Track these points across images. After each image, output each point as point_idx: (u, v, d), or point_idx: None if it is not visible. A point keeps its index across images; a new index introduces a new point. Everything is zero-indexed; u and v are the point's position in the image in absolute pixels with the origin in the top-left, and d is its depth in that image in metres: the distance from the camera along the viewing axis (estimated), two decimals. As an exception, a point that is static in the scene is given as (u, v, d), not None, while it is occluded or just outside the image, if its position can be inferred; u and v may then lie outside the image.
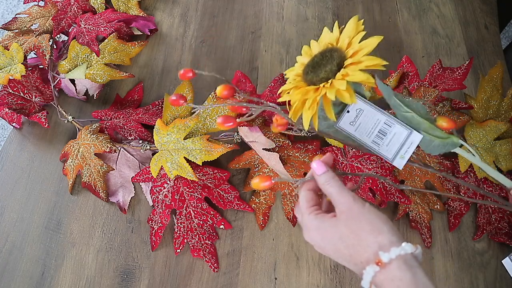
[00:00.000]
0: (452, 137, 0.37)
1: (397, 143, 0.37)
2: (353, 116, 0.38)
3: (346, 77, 0.34)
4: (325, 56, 0.36)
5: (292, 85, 0.39)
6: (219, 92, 0.41)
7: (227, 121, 0.39)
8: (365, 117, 0.38)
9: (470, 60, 0.63)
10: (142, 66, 0.74)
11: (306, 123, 0.35)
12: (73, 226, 0.59)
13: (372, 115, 0.38)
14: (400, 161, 0.37)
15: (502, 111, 0.61)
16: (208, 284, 0.55)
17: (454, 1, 0.80)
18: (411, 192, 0.58)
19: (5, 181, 0.63)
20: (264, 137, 0.58)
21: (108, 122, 0.64)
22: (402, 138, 0.37)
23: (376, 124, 0.38)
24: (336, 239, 0.33)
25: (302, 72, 0.39)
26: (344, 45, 0.36)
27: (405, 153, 0.37)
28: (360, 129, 0.38)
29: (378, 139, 0.38)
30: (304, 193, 0.37)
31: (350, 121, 0.38)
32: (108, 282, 0.55)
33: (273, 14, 0.79)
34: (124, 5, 0.76)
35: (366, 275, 0.31)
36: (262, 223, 0.58)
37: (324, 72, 0.35)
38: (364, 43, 0.35)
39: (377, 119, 0.38)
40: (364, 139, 0.38)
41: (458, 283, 0.54)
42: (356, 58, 0.34)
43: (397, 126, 0.37)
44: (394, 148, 0.37)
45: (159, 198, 0.58)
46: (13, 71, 0.65)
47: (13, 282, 0.56)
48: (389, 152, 0.38)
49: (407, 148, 0.37)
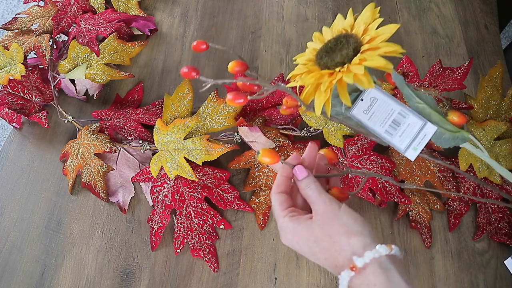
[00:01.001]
0: (462, 132, 0.37)
1: (410, 134, 0.37)
2: (367, 105, 0.38)
3: (364, 62, 0.33)
4: (339, 42, 0.36)
5: (304, 69, 0.38)
6: (231, 68, 0.39)
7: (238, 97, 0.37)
8: (379, 106, 0.37)
9: (470, 60, 0.63)
10: (142, 66, 0.74)
11: (319, 109, 0.34)
12: (73, 226, 0.59)
13: (387, 105, 0.37)
14: (412, 152, 0.37)
15: (502, 111, 0.61)
16: (208, 284, 0.55)
17: (454, 1, 0.80)
18: (411, 192, 0.58)
19: (5, 181, 0.63)
20: (264, 137, 0.58)
21: (108, 122, 0.64)
22: (416, 129, 0.36)
23: (390, 113, 0.37)
24: (311, 242, 0.32)
25: (314, 57, 0.38)
26: (360, 31, 0.35)
27: (418, 145, 0.37)
28: (374, 118, 0.38)
29: (391, 129, 0.37)
30: (276, 196, 0.35)
31: (364, 109, 0.38)
32: (108, 282, 0.55)
33: (273, 14, 0.79)
34: (124, 5, 0.76)
35: (342, 280, 0.30)
36: (262, 223, 0.58)
37: (340, 57, 0.35)
38: (382, 30, 0.34)
39: (391, 109, 0.37)
40: (377, 128, 0.38)
41: (458, 283, 0.54)
42: (373, 44, 0.34)
43: (411, 116, 0.37)
44: (407, 139, 0.37)
45: (159, 198, 0.58)
46: (13, 71, 0.65)
47: (13, 282, 0.56)
48: (402, 143, 0.37)
49: (420, 139, 0.37)
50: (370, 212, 0.58)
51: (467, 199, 0.57)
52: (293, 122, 0.61)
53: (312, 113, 0.59)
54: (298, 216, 0.34)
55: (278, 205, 0.35)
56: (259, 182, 0.59)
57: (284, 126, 0.61)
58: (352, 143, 0.58)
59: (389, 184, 0.57)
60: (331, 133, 0.58)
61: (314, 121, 0.59)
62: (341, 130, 0.58)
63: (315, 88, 0.35)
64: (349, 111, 0.38)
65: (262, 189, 0.59)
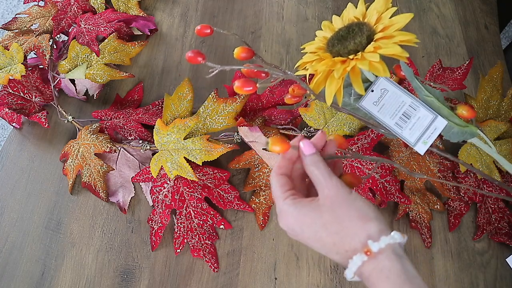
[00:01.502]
0: (471, 126, 0.37)
1: (420, 128, 0.36)
2: (377, 96, 0.37)
3: (379, 49, 0.32)
4: (352, 30, 0.35)
5: (314, 57, 0.37)
6: (237, 54, 0.38)
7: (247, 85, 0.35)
8: (390, 98, 0.37)
9: (470, 60, 0.63)
10: (142, 66, 0.74)
11: (330, 97, 0.34)
12: (73, 226, 0.59)
13: (397, 97, 0.37)
14: (422, 146, 0.36)
15: (502, 111, 0.61)
16: (208, 284, 0.55)
17: (454, 1, 0.80)
18: (411, 192, 0.58)
19: (5, 181, 0.63)
20: (264, 137, 0.58)
21: (108, 122, 0.64)
22: (426, 122, 0.36)
23: (400, 106, 0.37)
24: (318, 226, 0.31)
25: (325, 45, 0.37)
26: (373, 20, 0.35)
27: (428, 138, 0.36)
28: (383, 110, 0.37)
29: (401, 122, 0.37)
30: (276, 178, 0.33)
31: (374, 101, 0.37)
32: (108, 282, 0.55)
33: (273, 14, 0.79)
34: (124, 5, 0.76)
35: (352, 265, 0.29)
36: (262, 223, 0.58)
37: (353, 44, 0.34)
38: (396, 19, 0.34)
39: (402, 101, 0.37)
40: (387, 120, 0.37)
41: (458, 283, 0.54)
42: (387, 32, 0.33)
43: (422, 109, 0.36)
44: (417, 133, 0.36)
45: (159, 198, 0.58)
46: (13, 71, 0.65)
47: (13, 282, 0.56)
48: (411, 136, 0.36)
49: (430, 133, 0.36)
50: (370, 212, 0.58)
51: (467, 198, 0.57)
52: (293, 122, 0.61)
53: (312, 113, 0.59)
54: (301, 199, 0.32)
55: (279, 187, 0.33)
56: (259, 182, 0.59)
57: (284, 126, 0.61)
58: (352, 143, 0.58)
59: (389, 184, 0.57)
60: (331, 133, 0.58)
61: (314, 121, 0.59)
62: (341, 130, 0.58)
63: (326, 76, 0.35)
64: (358, 102, 0.37)
65: (262, 189, 0.59)
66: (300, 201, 0.32)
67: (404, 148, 0.59)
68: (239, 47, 0.39)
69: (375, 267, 0.29)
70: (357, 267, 0.29)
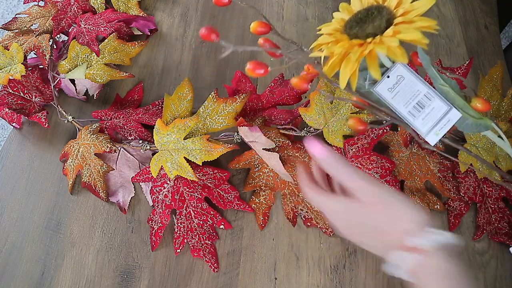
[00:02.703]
0: (485, 119, 0.36)
1: (434, 118, 0.36)
2: (392, 83, 0.36)
3: (398, 34, 0.31)
4: (371, 13, 0.34)
5: (330, 38, 0.36)
6: (254, 29, 0.37)
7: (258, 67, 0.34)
8: (405, 86, 0.36)
9: (470, 60, 0.63)
10: (142, 66, 0.74)
11: (344, 80, 0.33)
12: (73, 226, 0.59)
13: (413, 85, 0.36)
14: (434, 137, 0.36)
15: (502, 111, 0.61)
16: (208, 284, 0.55)
17: (454, 1, 0.80)
18: (411, 192, 0.58)
19: (5, 181, 0.63)
20: (264, 137, 0.58)
21: (108, 122, 0.64)
22: (440, 113, 0.35)
23: (415, 94, 0.36)
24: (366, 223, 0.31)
25: (342, 27, 0.36)
26: (393, 4, 0.34)
27: (441, 130, 0.35)
28: (398, 97, 0.36)
29: (415, 111, 0.36)
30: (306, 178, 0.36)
31: (389, 87, 0.36)
32: (108, 282, 0.55)
33: (273, 14, 0.79)
34: (124, 5, 0.76)
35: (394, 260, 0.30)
36: (262, 223, 0.58)
37: (371, 28, 0.33)
38: (417, 4, 0.33)
39: (417, 90, 0.36)
40: (400, 108, 0.36)
41: (458, 283, 0.54)
42: (408, 17, 0.32)
43: (437, 100, 0.36)
44: (430, 123, 0.36)
45: (159, 198, 0.58)
46: (13, 71, 0.65)
47: (13, 282, 0.56)
48: (424, 126, 0.36)
49: (443, 124, 0.35)
50: (370, 212, 0.58)
51: (467, 198, 0.57)
52: (293, 122, 0.61)
53: (312, 112, 0.59)
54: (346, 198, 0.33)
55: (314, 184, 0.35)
56: (259, 182, 0.59)
57: (284, 126, 0.61)
58: (352, 143, 0.58)
59: (389, 184, 0.57)
60: (331, 133, 0.58)
61: (314, 121, 0.59)
62: (341, 130, 0.58)
63: (341, 59, 0.33)
64: (373, 87, 0.36)
65: (262, 189, 0.59)
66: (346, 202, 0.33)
67: (404, 148, 0.59)
68: (256, 21, 0.38)
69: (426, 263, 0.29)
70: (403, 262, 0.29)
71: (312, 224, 0.57)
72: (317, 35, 0.38)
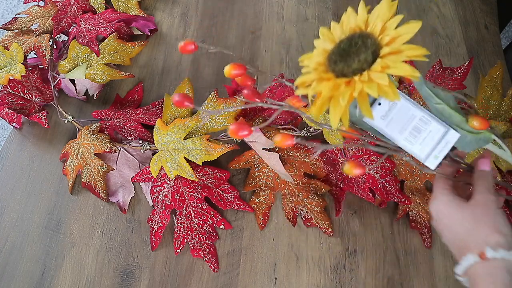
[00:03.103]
0: (484, 132, 0.35)
1: (431, 142, 0.34)
2: (385, 110, 0.35)
3: (387, 69, 0.29)
4: (354, 43, 0.31)
5: (315, 75, 0.33)
6: (227, 73, 0.36)
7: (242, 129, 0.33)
8: (399, 112, 0.35)
9: (470, 60, 0.63)
10: (142, 66, 0.74)
11: (335, 121, 0.31)
12: (73, 226, 0.59)
13: (407, 110, 0.34)
14: (433, 161, 0.35)
15: (502, 111, 0.61)
16: (208, 284, 0.55)
17: (454, 1, 0.80)
18: (411, 192, 0.58)
19: (5, 181, 0.63)
20: (264, 137, 0.58)
21: (108, 122, 0.64)
22: (438, 136, 0.34)
23: (410, 120, 0.34)
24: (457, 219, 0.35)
25: (326, 60, 0.33)
26: (377, 31, 0.31)
27: (440, 153, 0.34)
28: (392, 125, 0.35)
29: (411, 137, 0.35)
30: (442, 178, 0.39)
31: (381, 115, 0.35)
32: (108, 282, 0.55)
33: (273, 14, 0.79)
34: (124, 5, 0.76)
35: (465, 261, 0.33)
36: (262, 223, 0.58)
37: (358, 62, 0.30)
38: (402, 29, 0.30)
39: (412, 115, 0.34)
40: (396, 136, 0.35)
41: (458, 283, 0.54)
42: (394, 46, 0.30)
43: (433, 123, 0.34)
44: (428, 147, 0.35)
45: (159, 198, 0.58)
46: (13, 71, 0.65)
47: (13, 282, 0.56)
48: (422, 151, 0.35)
49: (442, 147, 0.34)
50: (370, 212, 0.58)
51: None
52: (293, 122, 0.61)
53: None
54: (456, 196, 0.37)
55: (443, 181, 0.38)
56: (259, 182, 0.59)
57: (284, 126, 0.61)
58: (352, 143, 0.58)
59: (389, 184, 0.57)
60: (331, 133, 0.58)
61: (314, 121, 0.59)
62: (341, 130, 0.58)
63: (329, 99, 0.31)
64: (365, 117, 0.35)
65: (262, 189, 0.59)
66: (454, 196, 0.37)
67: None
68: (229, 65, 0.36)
69: (485, 271, 0.32)
70: (468, 264, 0.33)
71: (312, 224, 0.57)
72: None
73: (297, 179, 0.58)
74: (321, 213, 0.57)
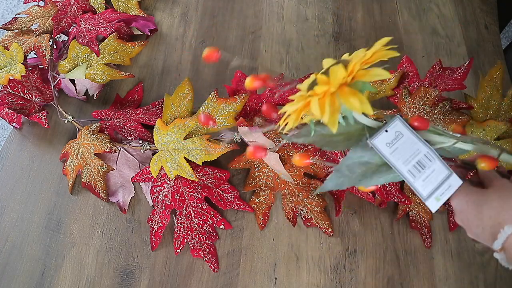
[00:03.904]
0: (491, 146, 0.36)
1: (434, 182, 0.34)
2: (391, 138, 0.35)
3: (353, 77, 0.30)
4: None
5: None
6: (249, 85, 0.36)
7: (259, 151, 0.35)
8: (405, 143, 0.34)
9: (470, 60, 0.63)
10: (142, 66, 0.74)
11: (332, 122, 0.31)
12: (73, 226, 0.59)
13: (413, 143, 0.34)
14: (435, 202, 0.34)
15: (502, 111, 0.61)
16: (208, 284, 0.55)
17: (454, 1, 0.80)
18: (411, 192, 0.58)
19: (5, 181, 0.63)
20: (264, 137, 0.58)
21: (108, 122, 0.64)
22: (441, 177, 0.34)
23: (415, 153, 0.34)
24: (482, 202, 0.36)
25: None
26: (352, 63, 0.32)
27: (442, 195, 0.34)
28: (397, 154, 0.35)
29: (415, 170, 0.34)
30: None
31: (387, 142, 0.35)
32: (108, 282, 0.55)
33: (273, 14, 0.79)
34: (124, 5, 0.76)
35: (503, 234, 0.33)
36: (262, 223, 0.58)
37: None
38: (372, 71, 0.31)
39: (417, 149, 0.34)
40: (399, 166, 0.35)
41: (458, 283, 0.54)
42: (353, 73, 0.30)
43: (437, 162, 0.34)
44: (431, 187, 0.34)
45: (159, 198, 0.58)
46: (13, 71, 0.65)
47: (13, 282, 0.56)
48: (424, 189, 0.34)
49: (444, 189, 0.34)
50: (370, 212, 0.58)
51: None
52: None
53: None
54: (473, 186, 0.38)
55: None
56: (259, 182, 0.59)
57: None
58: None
59: (389, 184, 0.57)
60: (331, 133, 0.58)
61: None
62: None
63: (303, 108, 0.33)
64: (370, 139, 0.35)
65: (262, 189, 0.59)
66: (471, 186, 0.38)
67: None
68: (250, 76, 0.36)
69: None
70: (506, 236, 0.33)
71: (312, 224, 0.57)
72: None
73: (297, 179, 0.58)
74: (321, 213, 0.57)
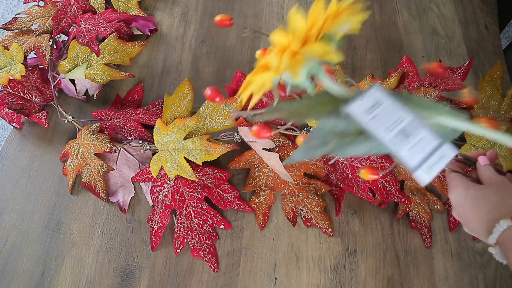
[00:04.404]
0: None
1: (423, 151, 0.28)
2: (369, 106, 0.29)
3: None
4: None
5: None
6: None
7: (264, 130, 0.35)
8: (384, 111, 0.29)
9: (470, 60, 0.63)
10: (142, 66, 0.74)
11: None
12: (73, 226, 0.59)
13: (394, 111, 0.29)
14: (425, 174, 0.28)
15: (502, 111, 0.61)
16: (208, 284, 0.55)
17: (454, 1, 0.80)
18: (411, 192, 0.58)
19: (5, 181, 0.63)
20: (264, 137, 0.58)
21: (108, 122, 0.64)
22: (430, 146, 0.28)
23: (398, 121, 0.29)
24: (479, 196, 0.38)
25: None
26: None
27: (434, 165, 0.28)
28: (376, 122, 0.29)
29: (398, 139, 0.29)
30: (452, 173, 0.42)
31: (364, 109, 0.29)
32: (108, 282, 0.55)
33: (273, 14, 0.79)
34: (124, 5, 0.76)
35: (498, 228, 0.34)
36: (262, 223, 0.58)
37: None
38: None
39: (399, 117, 0.29)
40: (380, 133, 0.29)
41: (458, 283, 0.54)
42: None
43: (425, 130, 0.28)
44: (419, 156, 0.28)
45: (159, 198, 0.58)
46: (13, 71, 0.65)
47: (13, 282, 0.56)
48: (411, 159, 0.28)
49: (435, 160, 0.28)
50: (370, 212, 0.59)
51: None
52: (293, 122, 0.61)
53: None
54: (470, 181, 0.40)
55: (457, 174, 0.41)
56: (259, 182, 0.59)
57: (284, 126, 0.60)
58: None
59: (389, 184, 0.57)
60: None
61: (314, 121, 0.59)
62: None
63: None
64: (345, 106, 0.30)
65: (262, 189, 0.59)
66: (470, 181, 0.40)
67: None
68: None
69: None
70: (501, 230, 0.34)
71: (312, 224, 0.57)
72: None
73: (297, 179, 0.58)
74: (321, 213, 0.57)
